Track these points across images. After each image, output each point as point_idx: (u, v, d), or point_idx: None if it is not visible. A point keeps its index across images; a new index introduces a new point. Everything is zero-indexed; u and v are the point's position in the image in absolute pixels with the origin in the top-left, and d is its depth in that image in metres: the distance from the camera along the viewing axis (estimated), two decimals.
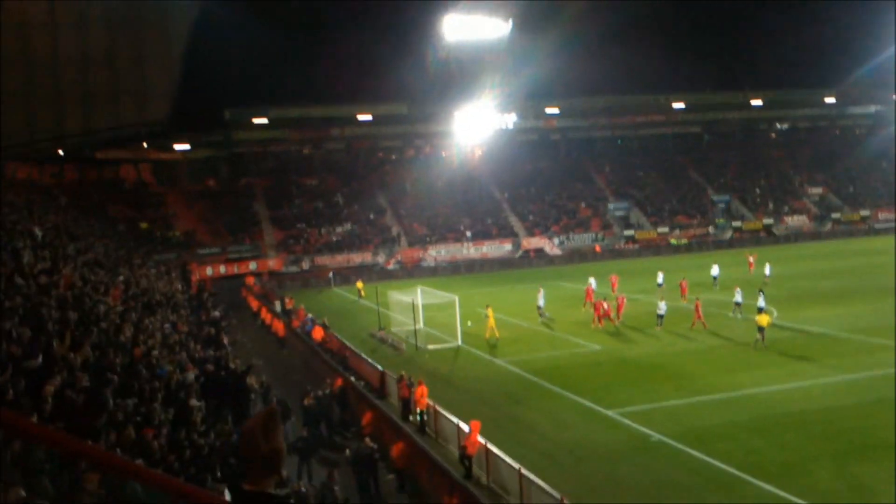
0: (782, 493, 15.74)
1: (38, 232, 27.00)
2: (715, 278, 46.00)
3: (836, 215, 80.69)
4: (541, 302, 39.40)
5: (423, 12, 72.28)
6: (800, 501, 15.36)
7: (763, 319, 29.57)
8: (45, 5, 49.50)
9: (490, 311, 34.67)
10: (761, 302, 32.79)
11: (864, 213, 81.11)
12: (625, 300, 36.87)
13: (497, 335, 33.87)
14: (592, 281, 43.26)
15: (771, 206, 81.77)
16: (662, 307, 34.12)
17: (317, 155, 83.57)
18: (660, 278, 45.52)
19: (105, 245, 41.00)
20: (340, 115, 78.39)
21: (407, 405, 22.42)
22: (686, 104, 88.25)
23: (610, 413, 22.04)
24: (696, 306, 33.80)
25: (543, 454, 19.05)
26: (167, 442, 12.81)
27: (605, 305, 35.39)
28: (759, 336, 29.23)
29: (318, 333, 33.77)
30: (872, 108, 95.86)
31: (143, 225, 63.82)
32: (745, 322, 33.83)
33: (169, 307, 29.52)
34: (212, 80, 75.30)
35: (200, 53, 59.93)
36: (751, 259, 52.16)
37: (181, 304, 33.38)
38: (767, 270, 47.23)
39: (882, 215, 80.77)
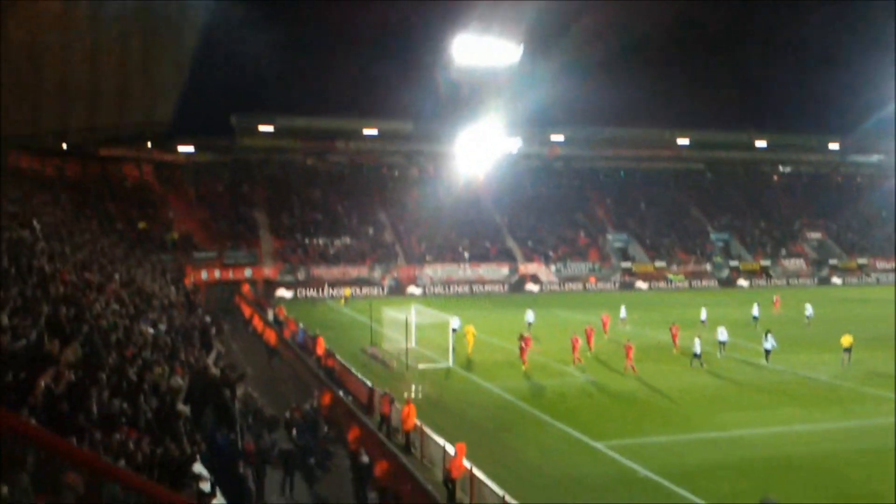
0: None
1: (36, 226, 26.90)
2: (755, 318, 44.92)
3: (833, 261, 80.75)
4: (530, 319, 42.62)
5: (435, 31, 72.89)
6: None
7: (846, 340, 32.66)
8: (59, 2, 49.63)
9: (469, 329, 35.56)
10: (767, 344, 33.14)
11: (862, 261, 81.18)
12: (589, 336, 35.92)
13: (469, 352, 34.96)
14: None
15: (769, 248, 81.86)
16: (697, 345, 33.11)
17: (320, 167, 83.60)
18: (703, 314, 44.23)
19: (102, 243, 40.85)
20: (346, 127, 78.47)
21: (386, 421, 22.29)
22: (690, 140, 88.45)
23: (598, 445, 21.88)
24: (628, 350, 32.29)
25: (529, 483, 18.86)
26: (151, 445, 12.65)
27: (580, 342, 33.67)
28: (844, 357, 32.54)
29: (320, 347, 33.44)
30: (875, 158, 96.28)
31: (142, 225, 63.66)
32: (728, 361, 34.26)
33: (161, 309, 29.34)
34: (221, 84, 75.70)
35: (211, 57, 60.26)
36: (776, 299, 53.12)
37: (174, 307, 33.17)
38: (809, 311, 45.83)
39: (880, 264, 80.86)
